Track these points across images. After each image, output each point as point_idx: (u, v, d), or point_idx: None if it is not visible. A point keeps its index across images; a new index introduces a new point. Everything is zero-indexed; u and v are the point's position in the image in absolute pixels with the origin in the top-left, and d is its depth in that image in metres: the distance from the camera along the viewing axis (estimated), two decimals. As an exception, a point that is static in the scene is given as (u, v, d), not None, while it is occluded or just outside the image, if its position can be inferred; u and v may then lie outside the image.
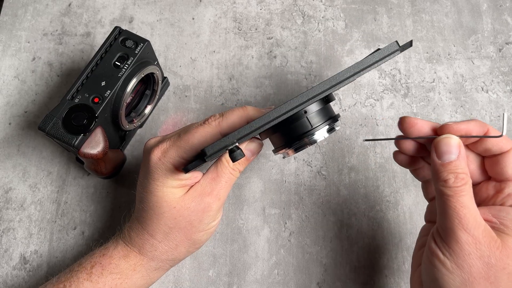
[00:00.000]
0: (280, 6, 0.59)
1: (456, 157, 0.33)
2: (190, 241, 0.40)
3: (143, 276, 0.40)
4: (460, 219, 0.31)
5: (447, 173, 0.33)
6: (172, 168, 0.37)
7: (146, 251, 0.39)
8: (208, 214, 0.39)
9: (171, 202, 0.38)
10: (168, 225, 0.38)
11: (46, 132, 0.41)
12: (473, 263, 0.31)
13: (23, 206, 0.50)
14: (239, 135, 0.33)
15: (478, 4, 0.59)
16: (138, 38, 0.45)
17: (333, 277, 0.47)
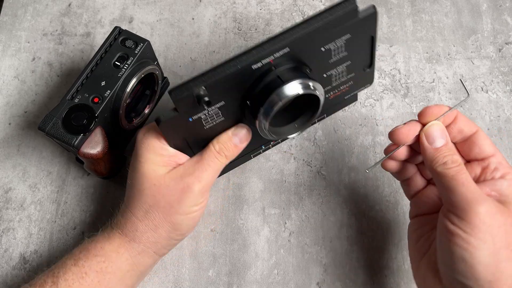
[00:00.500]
0: (280, 6, 0.59)
1: (445, 140, 0.36)
2: (170, 224, 0.39)
3: (127, 259, 0.39)
4: (473, 193, 0.32)
5: (443, 156, 0.35)
6: (155, 143, 0.38)
7: (128, 231, 0.39)
8: (188, 195, 0.38)
9: (152, 179, 0.38)
10: (148, 202, 0.38)
11: (46, 132, 0.41)
12: (495, 233, 0.31)
13: (23, 206, 0.50)
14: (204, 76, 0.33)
15: (478, 4, 0.59)
16: (138, 38, 0.45)
17: (333, 277, 0.47)
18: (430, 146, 0.36)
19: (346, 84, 0.44)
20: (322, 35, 0.37)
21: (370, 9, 0.39)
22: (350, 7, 0.37)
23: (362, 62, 0.43)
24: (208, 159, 0.39)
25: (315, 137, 0.52)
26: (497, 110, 0.54)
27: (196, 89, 0.33)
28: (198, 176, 0.38)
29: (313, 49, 0.38)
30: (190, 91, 0.33)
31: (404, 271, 0.47)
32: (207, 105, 0.34)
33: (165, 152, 0.39)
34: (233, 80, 0.35)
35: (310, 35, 0.36)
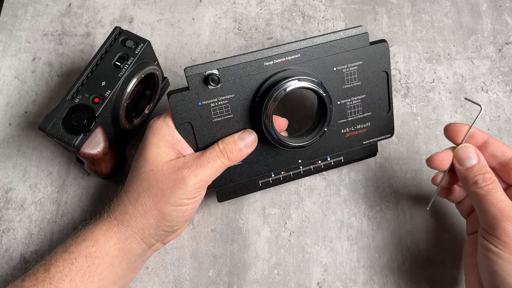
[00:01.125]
0: (280, 6, 0.59)
1: (477, 160, 0.38)
2: (159, 212, 0.39)
3: (115, 244, 0.39)
4: (501, 212, 0.35)
5: (474, 175, 0.37)
6: (161, 127, 0.40)
7: (118, 214, 0.39)
8: (180, 187, 0.38)
9: (151, 164, 0.39)
10: (142, 186, 0.39)
11: (46, 132, 0.41)
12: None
13: (23, 206, 0.50)
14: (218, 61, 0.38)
15: (478, 4, 0.59)
16: (138, 38, 0.45)
17: (333, 277, 0.47)
18: (462, 167, 0.38)
19: (363, 124, 0.46)
20: (332, 51, 0.41)
21: (382, 41, 0.43)
22: (360, 31, 0.42)
23: (379, 101, 0.46)
24: (209, 156, 0.40)
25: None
26: (497, 110, 0.54)
27: (209, 69, 0.38)
28: (195, 170, 0.39)
29: (324, 65, 0.42)
30: (203, 70, 0.38)
31: (405, 271, 0.47)
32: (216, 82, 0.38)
33: (170, 137, 0.39)
34: (244, 71, 0.39)
35: (319, 46, 0.41)
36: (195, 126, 0.41)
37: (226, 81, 0.39)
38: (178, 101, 0.39)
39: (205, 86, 0.39)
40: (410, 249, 0.48)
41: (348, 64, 0.42)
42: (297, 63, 0.41)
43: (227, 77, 0.39)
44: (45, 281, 0.37)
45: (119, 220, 0.39)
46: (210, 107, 0.40)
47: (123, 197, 0.40)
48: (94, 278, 0.38)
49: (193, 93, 0.39)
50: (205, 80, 0.39)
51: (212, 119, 0.41)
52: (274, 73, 0.41)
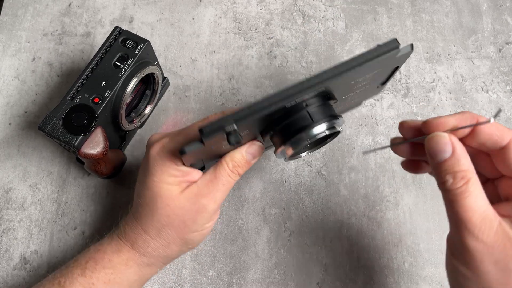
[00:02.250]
0: (280, 6, 0.59)
1: (449, 154, 0.30)
2: (183, 241, 0.39)
3: (136, 271, 0.40)
4: (465, 225, 0.29)
5: (444, 174, 0.30)
6: (169, 163, 0.37)
7: (138, 246, 0.39)
8: (203, 216, 0.38)
9: (166, 199, 0.38)
10: (161, 222, 0.38)
11: (46, 132, 0.41)
12: (488, 269, 0.29)
13: (24, 206, 0.50)
14: (237, 116, 0.32)
15: (478, 4, 0.59)
16: (138, 38, 0.45)
17: (333, 277, 0.47)
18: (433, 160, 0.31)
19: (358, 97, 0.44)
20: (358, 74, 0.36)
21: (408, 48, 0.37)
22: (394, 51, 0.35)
23: (379, 82, 0.43)
24: (222, 179, 0.38)
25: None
26: (497, 110, 0.54)
27: (228, 127, 0.33)
28: (213, 197, 0.38)
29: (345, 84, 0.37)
30: (222, 129, 0.33)
31: (405, 271, 0.47)
32: (237, 143, 0.34)
33: (179, 173, 0.38)
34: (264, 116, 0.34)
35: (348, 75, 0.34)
36: (204, 158, 0.39)
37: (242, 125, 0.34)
38: (192, 154, 0.36)
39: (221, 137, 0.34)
40: (410, 249, 0.48)
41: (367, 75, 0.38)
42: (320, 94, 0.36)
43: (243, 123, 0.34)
44: None
45: (141, 253, 0.39)
46: (222, 145, 0.37)
47: (139, 230, 0.39)
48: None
49: (208, 145, 0.35)
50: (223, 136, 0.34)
51: (222, 148, 0.38)
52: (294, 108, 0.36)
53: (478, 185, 0.30)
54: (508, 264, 0.28)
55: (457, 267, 0.30)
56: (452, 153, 0.30)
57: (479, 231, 0.28)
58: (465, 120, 0.31)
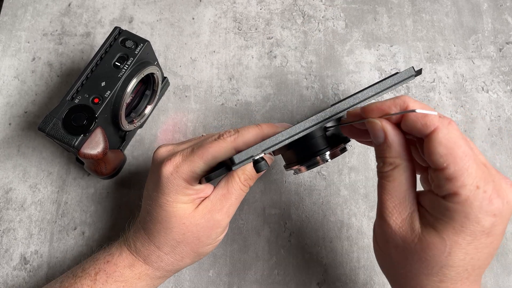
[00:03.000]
0: (280, 6, 0.59)
1: (382, 140, 0.31)
2: (196, 254, 0.40)
3: (148, 284, 0.40)
4: (381, 207, 0.31)
5: (377, 157, 0.32)
6: (183, 184, 0.37)
7: (151, 262, 0.39)
8: (216, 231, 0.39)
9: (181, 218, 0.37)
10: (176, 239, 0.38)
11: (46, 132, 0.41)
12: (390, 250, 0.32)
13: (23, 207, 0.50)
14: (265, 146, 0.33)
15: (478, 3, 0.59)
16: (138, 38, 0.45)
17: (333, 277, 0.47)
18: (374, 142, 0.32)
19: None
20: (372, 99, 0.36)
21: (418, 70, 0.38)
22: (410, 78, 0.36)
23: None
24: (235, 192, 0.38)
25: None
26: (498, 110, 0.54)
27: (257, 156, 0.33)
28: (227, 211, 0.38)
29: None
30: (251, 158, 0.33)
31: (404, 271, 0.47)
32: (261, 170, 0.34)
33: (193, 192, 0.37)
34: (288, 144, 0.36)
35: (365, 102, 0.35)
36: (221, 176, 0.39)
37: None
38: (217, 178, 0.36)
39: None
40: (410, 249, 0.48)
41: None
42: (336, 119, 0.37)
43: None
44: None
45: (155, 267, 0.39)
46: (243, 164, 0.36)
47: (152, 247, 0.39)
48: None
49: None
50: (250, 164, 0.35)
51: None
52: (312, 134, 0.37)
53: (406, 173, 0.31)
54: (405, 251, 0.31)
55: (375, 239, 0.33)
56: (384, 139, 0.31)
57: (390, 215, 0.31)
58: (396, 106, 0.31)
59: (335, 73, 0.56)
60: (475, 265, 0.30)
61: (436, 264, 0.30)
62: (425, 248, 0.29)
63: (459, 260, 0.29)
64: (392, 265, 0.33)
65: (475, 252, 0.29)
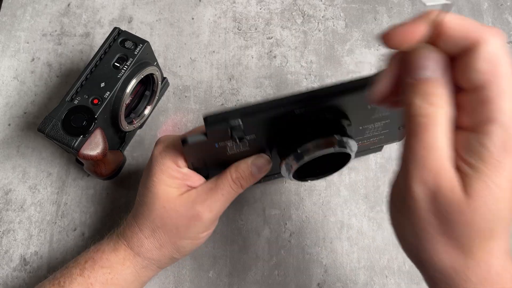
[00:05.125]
0: (280, 6, 0.59)
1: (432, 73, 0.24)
2: (174, 246, 0.39)
3: (132, 272, 0.39)
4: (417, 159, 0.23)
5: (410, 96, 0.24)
6: (170, 164, 0.37)
7: (133, 245, 0.39)
8: (196, 224, 0.37)
9: (163, 201, 0.37)
10: (156, 223, 0.38)
11: (45, 133, 0.41)
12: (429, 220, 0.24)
13: (23, 208, 0.49)
14: (243, 110, 0.31)
15: (478, 3, 0.59)
16: (137, 38, 0.45)
17: (334, 277, 0.47)
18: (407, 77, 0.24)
19: (377, 137, 0.43)
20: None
21: None
22: None
23: (399, 121, 0.40)
24: (223, 188, 0.37)
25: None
26: (498, 110, 0.53)
27: (233, 121, 0.32)
28: (209, 205, 0.37)
29: (361, 106, 0.35)
30: (226, 122, 0.31)
31: (405, 271, 0.47)
32: (239, 140, 0.34)
33: (179, 175, 0.37)
34: (272, 119, 0.34)
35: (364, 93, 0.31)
36: (207, 161, 0.38)
37: (248, 126, 0.33)
38: (194, 148, 0.35)
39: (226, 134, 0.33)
40: (410, 249, 0.47)
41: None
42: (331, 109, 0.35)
43: (251, 123, 0.33)
44: None
45: (136, 252, 0.39)
46: (226, 146, 0.36)
47: (135, 229, 0.39)
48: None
49: (211, 139, 0.34)
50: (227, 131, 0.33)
51: (227, 152, 0.37)
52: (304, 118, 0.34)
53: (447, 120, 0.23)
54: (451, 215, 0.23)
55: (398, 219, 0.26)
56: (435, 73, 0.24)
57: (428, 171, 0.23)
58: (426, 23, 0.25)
59: (335, 73, 0.55)
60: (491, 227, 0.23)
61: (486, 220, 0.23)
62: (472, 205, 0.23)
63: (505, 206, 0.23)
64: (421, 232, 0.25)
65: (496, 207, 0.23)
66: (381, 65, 0.33)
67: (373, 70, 0.56)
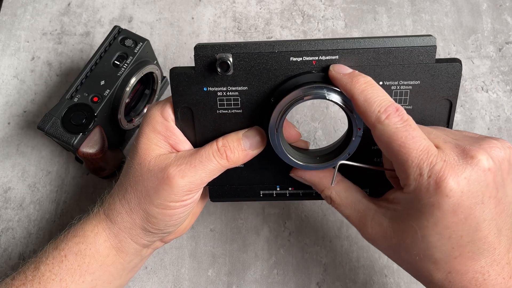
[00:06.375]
0: (279, 6, 0.59)
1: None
2: (144, 214, 0.35)
3: (105, 241, 0.36)
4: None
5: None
6: (158, 117, 0.35)
7: (107, 207, 0.36)
8: (165, 188, 0.33)
9: (140, 157, 0.35)
10: (129, 181, 0.35)
11: (45, 131, 0.41)
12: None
13: (22, 206, 0.49)
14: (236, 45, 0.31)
15: (478, 3, 0.59)
16: (137, 37, 0.45)
17: (333, 277, 0.47)
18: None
19: None
20: (384, 61, 0.32)
21: (454, 60, 0.33)
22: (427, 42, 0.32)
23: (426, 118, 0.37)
24: (203, 155, 0.34)
25: (315, 137, 0.52)
26: (497, 110, 0.54)
27: (223, 54, 0.30)
28: (183, 170, 0.33)
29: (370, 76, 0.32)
30: (215, 51, 0.31)
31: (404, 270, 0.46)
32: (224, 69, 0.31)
33: (163, 128, 0.35)
34: (265, 63, 0.32)
35: (368, 52, 0.32)
36: (195, 113, 0.35)
37: (240, 69, 0.32)
38: (180, 79, 0.33)
39: (213, 68, 0.32)
40: (410, 249, 0.47)
41: (400, 81, 0.33)
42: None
43: (242, 66, 0.32)
44: (34, 280, 0.35)
45: (107, 214, 0.36)
46: (216, 96, 0.33)
47: (114, 190, 0.37)
48: (86, 278, 0.35)
49: (199, 75, 0.32)
50: (213, 64, 0.32)
51: (217, 110, 0.34)
52: (300, 73, 0.33)
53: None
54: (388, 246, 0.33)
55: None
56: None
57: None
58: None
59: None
60: (460, 242, 0.28)
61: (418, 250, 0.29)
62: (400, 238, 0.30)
63: (436, 241, 0.29)
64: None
65: (450, 230, 0.28)
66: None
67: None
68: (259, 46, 0.32)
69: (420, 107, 0.34)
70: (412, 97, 0.34)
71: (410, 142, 0.28)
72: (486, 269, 0.29)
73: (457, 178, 0.27)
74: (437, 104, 0.34)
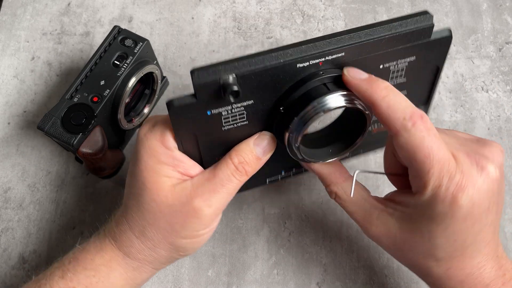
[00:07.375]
0: (279, 6, 0.59)
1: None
2: (171, 246, 0.34)
3: (121, 274, 0.34)
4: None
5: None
6: (158, 145, 0.32)
7: (122, 245, 0.34)
8: (193, 221, 0.32)
9: (152, 193, 0.32)
10: (147, 219, 0.32)
11: (45, 131, 0.41)
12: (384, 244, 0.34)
13: (22, 206, 0.49)
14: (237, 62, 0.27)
15: (478, 3, 0.59)
16: (137, 37, 0.45)
17: (333, 277, 0.47)
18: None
19: None
20: (386, 48, 0.32)
21: (445, 31, 0.33)
22: (426, 23, 0.31)
23: (418, 96, 0.37)
24: (223, 178, 0.32)
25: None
26: (497, 110, 0.54)
27: (225, 76, 0.27)
28: (208, 199, 0.32)
29: (371, 62, 0.32)
30: (217, 76, 0.27)
31: (404, 271, 0.46)
32: (235, 96, 0.28)
33: (168, 159, 0.32)
34: (271, 76, 0.29)
35: (373, 44, 0.31)
36: (200, 137, 0.32)
37: (245, 87, 0.29)
38: (181, 112, 0.30)
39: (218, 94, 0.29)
40: (410, 249, 0.47)
41: (399, 60, 0.33)
42: (338, 63, 0.31)
43: (247, 82, 0.29)
44: None
45: (125, 252, 0.34)
46: (221, 116, 0.31)
47: (124, 226, 0.34)
48: None
49: (201, 102, 0.29)
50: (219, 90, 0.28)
51: (222, 127, 0.32)
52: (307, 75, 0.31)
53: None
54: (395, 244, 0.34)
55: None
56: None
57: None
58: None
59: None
60: (464, 244, 0.30)
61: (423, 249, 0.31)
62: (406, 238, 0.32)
63: (442, 243, 0.30)
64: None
65: (457, 234, 0.30)
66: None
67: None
68: (263, 60, 0.29)
69: (413, 77, 0.35)
70: (408, 71, 0.34)
71: (436, 153, 0.28)
72: (482, 264, 0.31)
73: (472, 190, 0.28)
74: (427, 70, 0.36)
